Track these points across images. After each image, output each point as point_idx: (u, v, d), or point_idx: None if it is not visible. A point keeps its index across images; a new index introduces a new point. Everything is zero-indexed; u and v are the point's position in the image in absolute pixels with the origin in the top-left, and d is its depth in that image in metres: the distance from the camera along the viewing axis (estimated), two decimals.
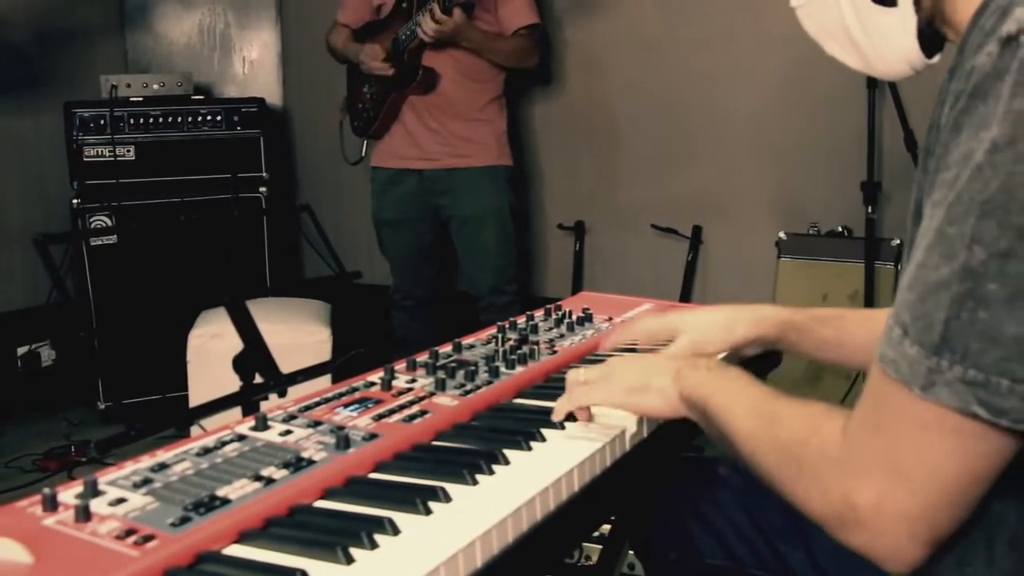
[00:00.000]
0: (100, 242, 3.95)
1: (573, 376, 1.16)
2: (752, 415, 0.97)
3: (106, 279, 3.91)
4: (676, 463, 1.33)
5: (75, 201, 3.87)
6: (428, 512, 0.92)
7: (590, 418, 1.15)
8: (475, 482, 0.99)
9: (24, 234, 4.26)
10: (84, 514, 0.88)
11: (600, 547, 2.05)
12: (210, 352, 3.09)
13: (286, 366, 2.04)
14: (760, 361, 1.44)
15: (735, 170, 3.65)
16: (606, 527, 1.73)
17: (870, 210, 3.23)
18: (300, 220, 4.48)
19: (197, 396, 3.11)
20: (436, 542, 0.85)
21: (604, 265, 3.89)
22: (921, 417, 0.76)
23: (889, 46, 0.99)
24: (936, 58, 1.00)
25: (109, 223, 3.93)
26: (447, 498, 0.95)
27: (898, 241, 3.24)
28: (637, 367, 1.15)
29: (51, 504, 0.90)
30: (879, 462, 0.78)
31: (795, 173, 3.54)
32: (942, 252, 0.75)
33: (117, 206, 3.90)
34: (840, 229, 3.40)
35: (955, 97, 0.79)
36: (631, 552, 2.31)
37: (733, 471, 1.31)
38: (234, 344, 2.20)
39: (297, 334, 3.16)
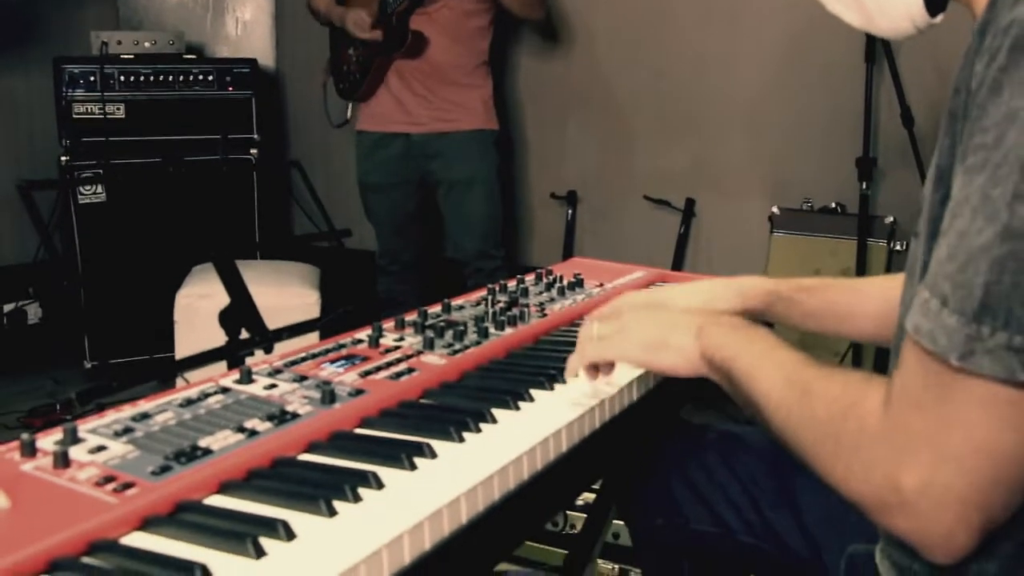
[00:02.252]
0: (88, 200, 3.92)
1: (586, 331, 1.11)
2: (783, 383, 0.90)
3: (94, 238, 3.88)
4: (666, 428, 1.32)
5: (64, 158, 3.83)
6: (413, 467, 0.90)
7: (607, 374, 1.12)
8: (462, 439, 0.98)
9: (11, 192, 4.22)
10: (63, 460, 0.86)
11: (585, 516, 2.05)
12: (198, 312, 3.07)
13: (274, 327, 2.02)
14: None
15: (730, 143, 3.63)
16: (591, 495, 1.73)
17: (864, 186, 3.22)
18: (291, 182, 4.46)
19: (184, 356, 3.10)
20: (421, 497, 0.84)
21: (595, 236, 3.87)
22: (964, 391, 0.71)
23: (892, 1, 0.96)
24: (939, 18, 0.98)
25: (98, 182, 3.90)
26: (432, 454, 0.93)
27: (891, 219, 3.23)
28: (655, 322, 1.09)
29: (29, 450, 0.88)
30: (925, 441, 0.73)
31: (790, 148, 3.52)
32: (985, 215, 0.71)
33: (106, 164, 3.86)
34: (833, 205, 3.39)
35: (990, 55, 0.74)
36: (618, 520, 2.31)
37: (721, 437, 1.29)
38: (222, 304, 2.19)
39: (285, 296, 3.15)
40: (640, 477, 1.30)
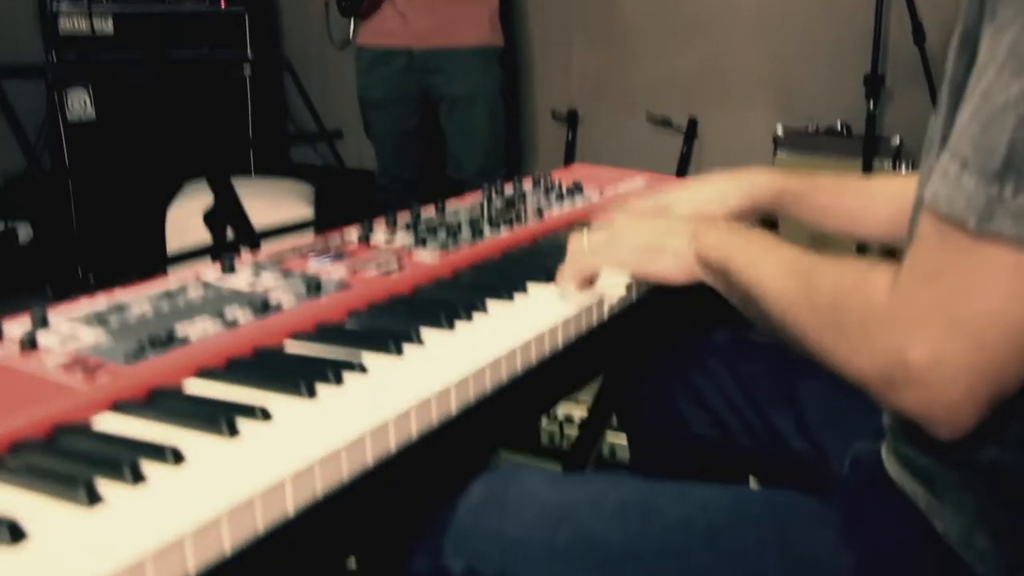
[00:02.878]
0: (78, 119, 3.84)
1: (577, 243, 1.06)
2: (784, 274, 0.86)
3: (84, 156, 3.81)
4: (667, 331, 1.27)
5: (50, 75, 3.75)
6: (400, 352, 0.86)
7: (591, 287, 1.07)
8: (452, 327, 0.93)
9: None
10: (30, 344, 0.82)
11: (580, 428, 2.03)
12: (189, 227, 3.01)
13: (265, 245, 1.97)
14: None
15: (734, 60, 3.54)
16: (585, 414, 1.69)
17: (871, 105, 3.15)
18: (286, 100, 4.38)
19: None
20: (408, 384, 0.79)
21: (596, 155, 3.79)
22: (981, 256, 0.67)
23: None
24: None
25: (87, 99, 3.82)
26: (420, 340, 0.89)
27: (898, 139, 3.17)
28: (648, 228, 1.05)
29: None
30: (935, 312, 0.69)
31: (796, 65, 3.44)
32: (1013, 69, 0.66)
33: (96, 80, 3.78)
34: (839, 126, 3.32)
35: None
36: (615, 435, 2.28)
37: (723, 340, 1.25)
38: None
39: (280, 213, 3.08)
40: (639, 381, 1.26)
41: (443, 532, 0.85)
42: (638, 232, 1.04)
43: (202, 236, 2.19)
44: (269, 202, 3.08)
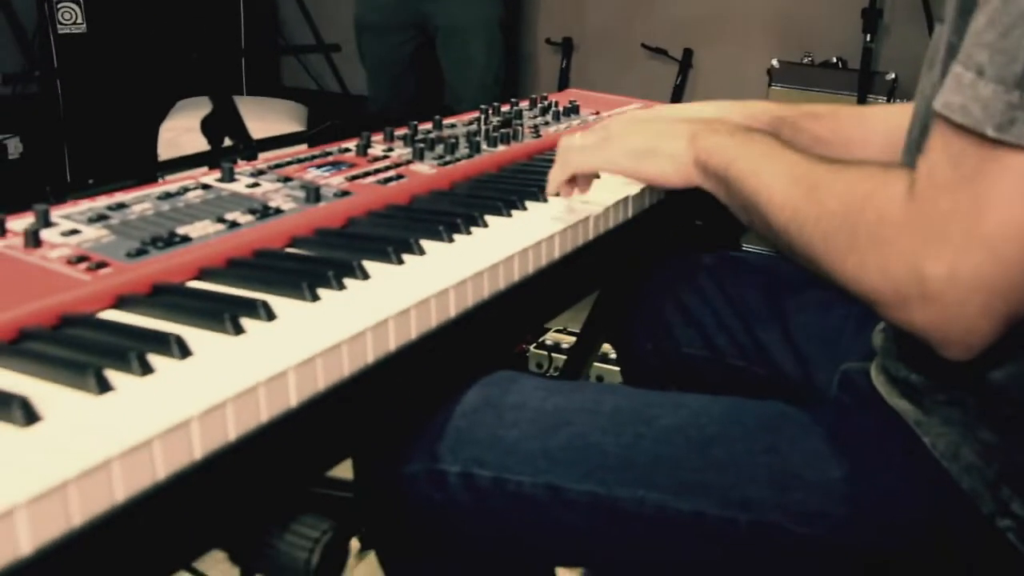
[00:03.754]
0: (68, 31, 3.79)
1: (567, 141, 1.04)
2: (789, 180, 0.82)
3: (75, 70, 3.76)
4: (660, 250, 1.28)
5: None
6: (400, 262, 0.87)
7: (583, 190, 1.06)
8: (451, 240, 0.94)
9: None
10: (33, 239, 0.82)
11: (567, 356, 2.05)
12: (182, 145, 2.99)
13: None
14: None
15: None
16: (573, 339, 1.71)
17: (868, 39, 3.13)
18: (279, 25, 4.32)
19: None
20: (408, 289, 0.80)
21: (591, 84, 3.76)
22: (1000, 164, 0.65)
23: None
24: None
25: (78, 10, 3.76)
26: (421, 251, 0.90)
27: (893, 75, 3.16)
28: (644, 129, 1.01)
29: None
30: (952, 223, 0.66)
31: None
32: None
33: None
34: (835, 60, 3.31)
35: None
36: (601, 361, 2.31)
37: (715, 261, 1.26)
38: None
39: (269, 131, 3.06)
40: (631, 300, 1.27)
41: (439, 437, 0.86)
42: (634, 134, 1.02)
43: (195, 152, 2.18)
44: (261, 119, 3.05)
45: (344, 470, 0.83)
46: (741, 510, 0.79)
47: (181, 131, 3.11)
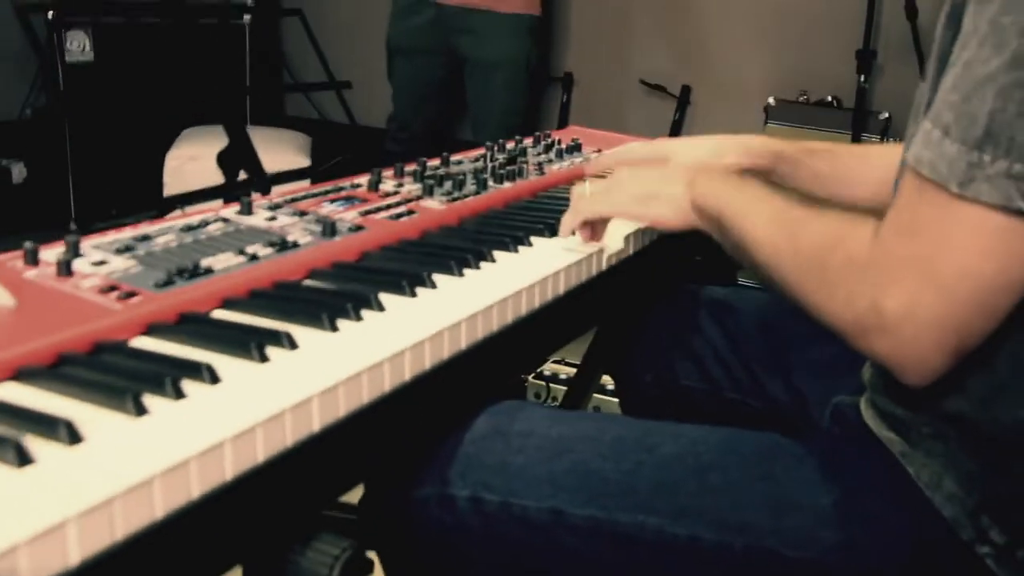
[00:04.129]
0: (76, 59, 3.85)
1: (578, 190, 1.11)
2: (773, 222, 0.91)
3: (82, 98, 3.81)
4: (662, 287, 1.33)
5: (50, 14, 3.74)
6: (414, 295, 0.91)
7: (593, 237, 1.11)
8: (461, 274, 0.98)
9: None
10: (66, 269, 0.86)
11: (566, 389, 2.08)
12: (187, 174, 3.05)
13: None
14: None
15: (729, 31, 3.58)
16: (573, 371, 1.75)
17: (862, 79, 3.20)
18: (284, 55, 4.38)
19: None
20: (422, 321, 0.85)
21: (590, 119, 3.81)
22: (959, 217, 0.72)
23: None
24: None
25: (87, 41, 3.83)
26: (433, 284, 0.94)
27: (887, 114, 3.22)
28: (647, 176, 1.09)
29: (32, 258, 0.88)
30: (912, 266, 0.74)
31: (790, 38, 3.48)
32: (994, 43, 0.71)
33: (95, 23, 3.79)
34: (830, 99, 3.38)
35: None
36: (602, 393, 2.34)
37: (714, 299, 1.31)
38: (212, 166, 2.18)
39: (275, 163, 3.12)
40: (632, 333, 1.32)
41: (449, 462, 0.90)
42: (638, 180, 1.09)
43: (200, 182, 2.23)
44: (267, 149, 3.10)
45: (349, 497, 0.87)
46: (737, 534, 0.83)
47: (186, 159, 3.16)
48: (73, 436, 0.61)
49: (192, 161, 3.09)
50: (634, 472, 0.88)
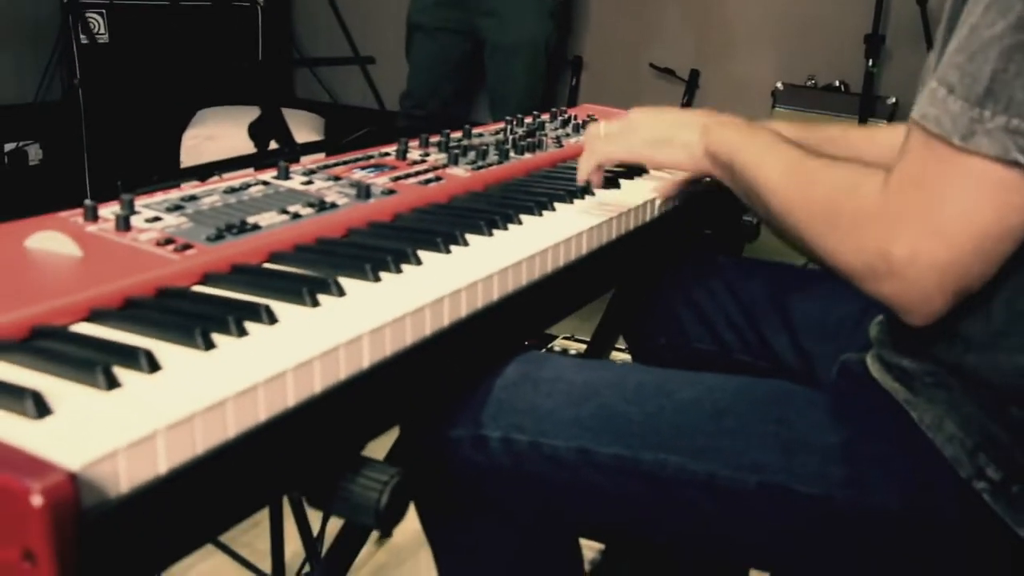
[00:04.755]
0: (91, 41, 3.90)
1: (593, 130, 1.17)
2: (785, 171, 0.96)
3: (96, 79, 3.87)
4: (676, 253, 1.38)
5: None
6: (448, 251, 0.97)
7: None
8: (491, 234, 1.04)
9: (11, 30, 4.18)
10: (124, 224, 0.92)
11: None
12: (203, 153, 3.11)
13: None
14: None
15: (738, 15, 3.63)
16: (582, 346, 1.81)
17: (870, 64, 3.25)
18: (294, 39, 4.43)
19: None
20: (457, 273, 0.90)
21: (600, 103, 3.88)
22: (962, 169, 0.78)
23: None
24: None
25: (102, 22, 3.88)
26: (466, 242, 1.00)
27: (894, 99, 3.27)
28: (662, 121, 1.15)
29: (92, 214, 0.94)
30: (918, 214, 0.80)
31: (798, 22, 3.53)
32: (999, 8, 0.76)
33: (110, 5, 3.84)
34: (837, 83, 3.42)
35: None
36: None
37: (726, 265, 1.36)
38: (228, 145, 2.23)
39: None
40: (647, 298, 1.37)
41: (482, 406, 0.96)
42: (651, 125, 1.15)
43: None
44: None
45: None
46: (751, 472, 0.89)
47: (203, 139, 3.22)
48: (152, 365, 0.67)
49: (209, 140, 3.15)
50: (656, 415, 0.94)
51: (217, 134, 3.11)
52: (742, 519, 0.91)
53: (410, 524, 2.10)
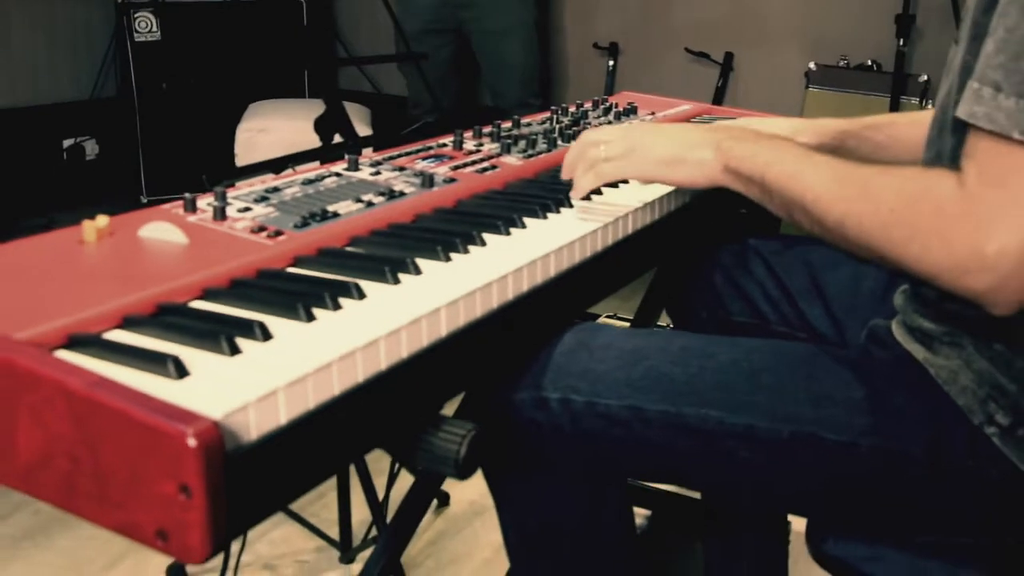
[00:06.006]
0: (144, 39, 4.05)
1: (593, 151, 1.16)
2: (838, 180, 0.97)
3: (150, 76, 4.02)
4: (712, 234, 1.48)
5: None
6: (508, 234, 1.08)
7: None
8: (545, 217, 1.15)
9: (69, 29, 4.34)
10: (221, 214, 1.04)
11: None
12: (257, 145, 3.23)
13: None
14: None
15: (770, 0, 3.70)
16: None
17: (901, 43, 3.31)
18: (338, 33, 4.55)
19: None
20: (518, 253, 1.01)
21: (635, 88, 3.97)
22: None
23: None
24: None
25: (153, 20, 4.02)
26: (523, 225, 1.11)
27: (925, 77, 3.33)
28: (669, 139, 1.14)
29: (191, 206, 1.06)
30: (1006, 209, 0.83)
31: (830, 3, 3.60)
32: None
33: (161, 3, 3.98)
34: (869, 62, 3.48)
35: None
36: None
37: (762, 243, 1.46)
38: (280, 138, 2.35)
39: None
40: (689, 275, 1.47)
41: (542, 371, 1.07)
42: (660, 143, 1.14)
43: (270, 152, 2.40)
44: None
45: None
46: (784, 423, 1.00)
47: (256, 131, 3.35)
48: (266, 334, 0.78)
49: (261, 133, 3.27)
50: (698, 375, 1.04)
51: (269, 126, 3.23)
52: (777, 466, 1.01)
53: (466, 494, 2.24)
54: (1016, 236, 0.84)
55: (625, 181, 1.32)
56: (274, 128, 3.21)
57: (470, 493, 2.25)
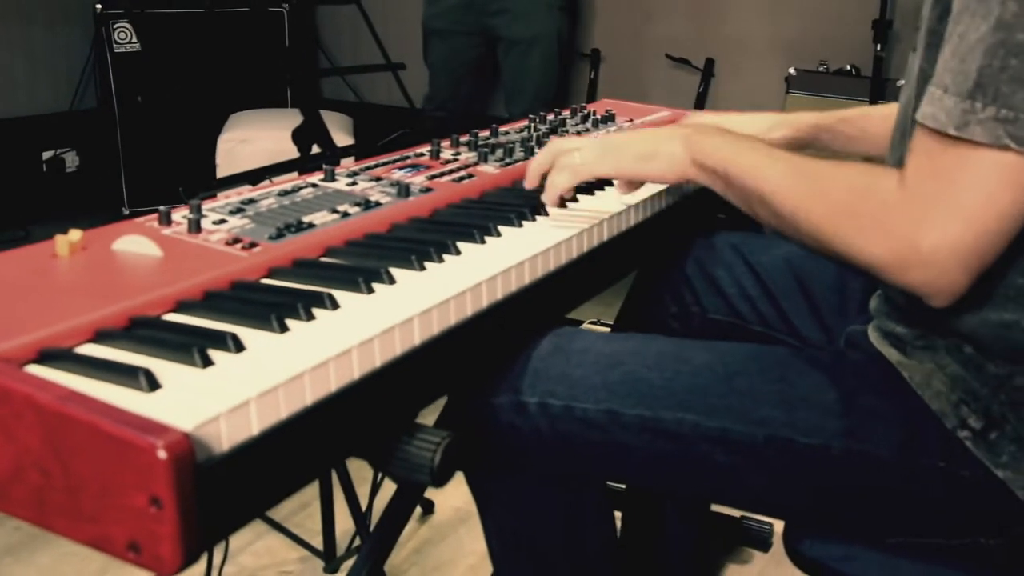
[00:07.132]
0: (123, 50, 4.04)
1: (566, 159, 1.18)
2: (793, 173, 1.00)
3: (130, 87, 4.01)
4: (691, 235, 1.49)
5: (98, 7, 3.94)
6: (483, 242, 1.08)
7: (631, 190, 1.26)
8: (520, 225, 1.15)
9: (46, 42, 4.32)
10: (196, 227, 1.04)
11: None
12: (238, 156, 3.23)
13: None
14: None
15: (749, 4, 3.71)
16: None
17: (879, 48, 3.33)
18: (320, 44, 4.55)
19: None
20: (492, 262, 1.02)
21: (617, 93, 3.98)
22: (964, 157, 0.85)
23: None
24: None
25: (131, 32, 4.02)
26: (499, 233, 1.11)
27: (903, 81, 3.34)
28: (642, 137, 1.18)
29: (166, 219, 1.06)
30: (939, 203, 0.86)
31: (808, 9, 3.62)
32: (981, 13, 0.85)
33: (140, 14, 3.98)
34: (848, 67, 3.51)
35: None
36: None
37: (742, 239, 1.46)
38: (262, 148, 2.35)
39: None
40: (661, 272, 1.47)
41: (520, 375, 1.07)
42: (635, 141, 1.17)
43: (251, 163, 2.40)
44: None
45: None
46: (758, 426, 1.00)
47: (237, 142, 3.34)
48: (238, 346, 0.79)
49: (243, 143, 3.27)
50: (674, 379, 1.05)
51: (250, 137, 3.23)
52: (753, 470, 1.02)
53: (450, 501, 2.23)
54: (948, 230, 0.86)
55: (600, 187, 1.33)
56: (255, 138, 3.21)
57: (455, 500, 2.25)
